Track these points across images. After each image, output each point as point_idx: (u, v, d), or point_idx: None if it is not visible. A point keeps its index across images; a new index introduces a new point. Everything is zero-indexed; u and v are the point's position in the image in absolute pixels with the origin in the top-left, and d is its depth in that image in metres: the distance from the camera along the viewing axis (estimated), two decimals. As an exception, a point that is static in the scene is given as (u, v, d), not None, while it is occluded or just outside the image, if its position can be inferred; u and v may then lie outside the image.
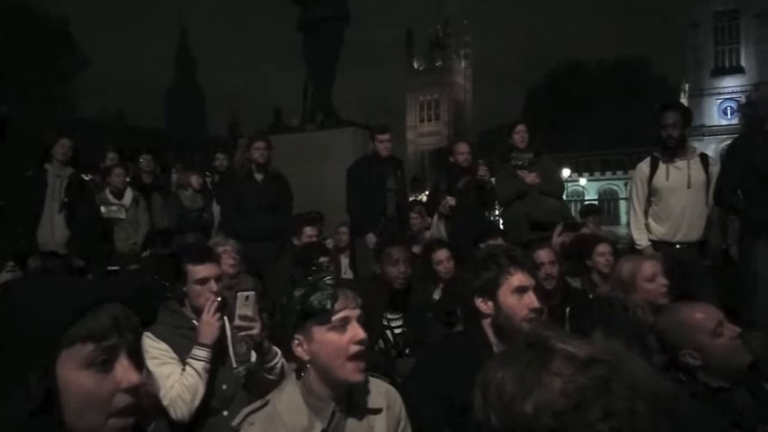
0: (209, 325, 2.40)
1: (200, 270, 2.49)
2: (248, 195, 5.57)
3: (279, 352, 2.45)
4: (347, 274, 5.59)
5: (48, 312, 0.91)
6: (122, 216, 5.67)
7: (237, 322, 2.34)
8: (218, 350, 2.49)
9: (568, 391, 0.87)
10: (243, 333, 2.36)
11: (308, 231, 4.95)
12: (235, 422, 1.62)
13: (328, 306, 1.62)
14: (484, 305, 2.08)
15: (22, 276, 3.49)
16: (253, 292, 2.38)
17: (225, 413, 2.45)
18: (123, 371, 0.95)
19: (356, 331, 1.63)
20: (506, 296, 2.04)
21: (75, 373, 0.91)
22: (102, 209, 5.69)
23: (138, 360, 1.01)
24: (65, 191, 5.64)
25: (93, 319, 0.93)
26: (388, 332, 3.31)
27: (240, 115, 63.08)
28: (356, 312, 1.66)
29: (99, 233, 5.56)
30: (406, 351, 3.27)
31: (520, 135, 5.45)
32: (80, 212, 5.61)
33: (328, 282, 1.67)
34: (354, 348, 1.61)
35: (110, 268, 4.42)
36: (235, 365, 2.55)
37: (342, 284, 1.70)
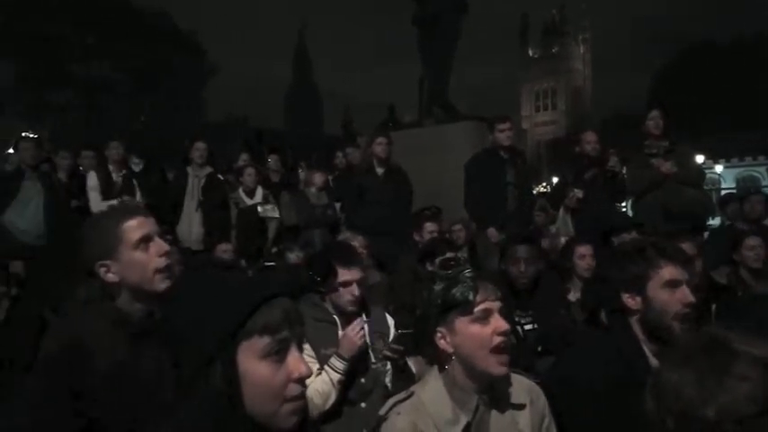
0: (351, 342, 2.49)
1: (345, 273, 2.56)
2: (369, 190, 5.69)
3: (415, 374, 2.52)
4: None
5: (229, 307, 0.99)
6: (276, 215, 6.01)
7: (386, 353, 2.47)
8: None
9: (756, 396, 0.83)
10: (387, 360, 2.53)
11: (429, 227, 4.96)
12: (381, 411, 1.66)
13: (470, 297, 1.62)
14: (631, 301, 1.97)
15: (201, 273, 3.81)
16: (411, 331, 2.47)
17: (362, 405, 2.53)
18: (294, 362, 1.01)
19: (499, 323, 1.62)
20: (656, 291, 1.92)
21: (253, 364, 0.99)
22: (259, 209, 6.11)
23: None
24: (201, 190, 6.09)
25: (267, 313, 1.00)
26: (518, 329, 3.25)
27: (352, 113, 64.46)
28: (498, 304, 1.65)
29: (256, 231, 5.92)
30: (538, 348, 3.19)
31: (654, 121, 5.14)
32: (215, 211, 6.04)
33: (468, 274, 1.66)
34: (497, 340, 1.60)
35: (266, 264, 4.70)
36: (373, 360, 2.62)
37: (482, 277, 1.70)
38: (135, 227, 1.76)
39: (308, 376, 1.02)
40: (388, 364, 2.63)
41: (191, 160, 6.22)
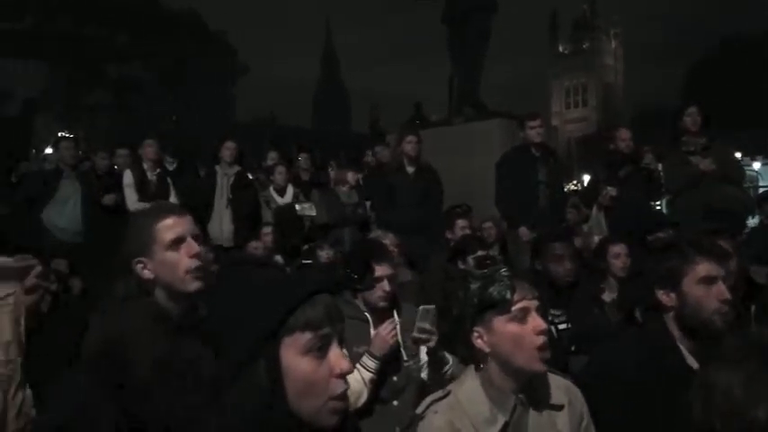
0: (384, 340, 2.49)
1: (377, 269, 2.57)
2: (399, 188, 5.69)
3: (451, 360, 2.49)
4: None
5: (272, 303, 1.00)
6: (314, 213, 6.07)
7: (416, 334, 2.40)
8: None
9: None
10: (419, 344, 2.45)
11: (461, 224, 4.95)
12: (419, 410, 1.66)
13: (508, 296, 1.61)
14: (666, 297, 1.95)
15: (239, 270, 3.85)
16: (434, 307, 2.43)
17: (395, 403, 2.53)
18: (336, 358, 1.02)
19: (537, 321, 1.61)
20: (692, 287, 1.89)
21: (296, 359, 1.00)
22: (297, 206, 6.16)
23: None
24: (231, 189, 6.16)
25: (309, 309, 1.01)
26: (552, 328, 3.22)
27: (379, 111, 64.49)
28: (535, 303, 1.64)
29: (293, 229, 5.98)
30: (572, 348, 3.16)
31: (692, 117, 5.02)
32: (245, 209, 6.11)
33: (505, 273, 1.65)
34: (536, 339, 1.59)
35: (303, 261, 4.74)
36: (405, 359, 2.62)
37: (519, 275, 1.69)
38: (169, 227, 1.78)
39: (350, 372, 1.02)
40: (422, 357, 2.61)
41: (220, 159, 6.29)
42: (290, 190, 6.47)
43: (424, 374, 2.63)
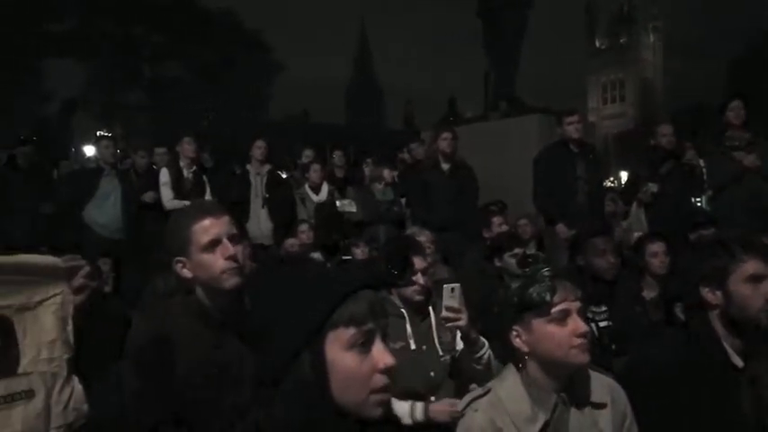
0: (443, 414, 2.36)
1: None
2: (435, 185, 5.67)
3: (486, 343, 2.45)
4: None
5: (316, 298, 1.01)
6: (354, 210, 6.10)
7: (444, 313, 2.36)
8: (425, 339, 2.56)
9: None
10: (450, 324, 2.40)
11: (497, 221, 4.91)
12: (459, 407, 1.66)
13: (548, 298, 1.59)
14: (711, 295, 1.91)
15: (281, 267, 3.89)
16: (458, 285, 2.40)
17: (432, 399, 2.52)
18: (379, 353, 1.02)
19: (578, 324, 1.59)
20: (738, 285, 1.85)
21: (340, 354, 1.00)
22: (338, 203, 6.20)
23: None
24: (265, 187, 6.22)
25: (353, 304, 1.01)
26: (592, 326, 3.17)
27: (414, 106, 64.37)
28: (577, 305, 1.62)
29: (333, 225, 6.03)
30: (613, 347, 3.10)
31: (735, 112, 4.90)
32: (281, 206, 6.16)
33: (546, 273, 1.63)
34: (577, 341, 1.57)
35: (343, 258, 4.78)
36: (441, 353, 2.60)
37: (561, 276, 1.66)
38: (205, 229, 1.79)
39: (393, 367, 1.03)
40: (458, 342, 2.58)
41: (251, 158, 6.35)
42: (324, 187, 6.49)
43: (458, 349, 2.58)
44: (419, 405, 2.41)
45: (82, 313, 1.87)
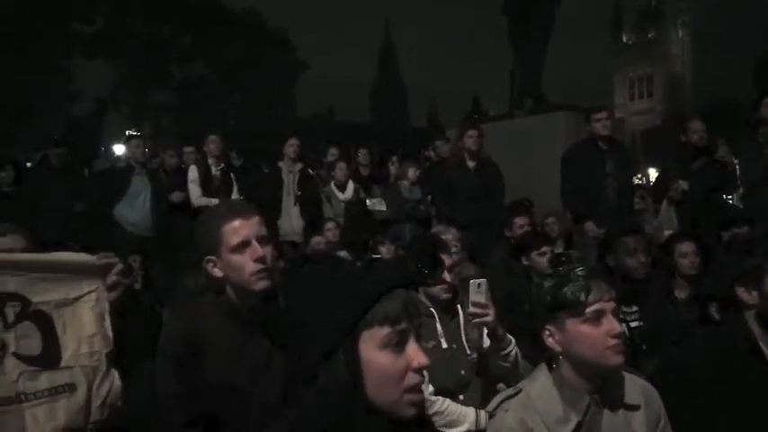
0: None
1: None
2: (460, 183, 5.65)
3: (513, 340, 2.44)
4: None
5: (351, 298, 1.01)
6: (383, 208, 6.11)
7: (471, 309, 2.34)
8: (454, 337, 2.56)
9: None
10: (477, 320, 2.38)
11: (519, 222, 4.79)
12: (489, 407, 1.65)
13: (582, 298, 1.56)
14: (747, 295, 1.91)
15: (314, 266, 3.91)
16: (485, 280, 2.38)
17: (461, 397, 2.51)
18: (413, 352, 1.02)
19: (612, 324, 1.56)
20: None
21: (374, 353, 1.01)
22: (368, 202, 6.23)
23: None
24: (297, 185, 6.26)
25: (387, 304, 1.02)
26: (623, 326, 3.12)
27: (437, 103, 64.20)
28: (611, 305, 1.59)
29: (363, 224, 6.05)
30: (644, 347, 3.06)
31: (769, 107, 4.77)
32: (311, 204, 6.19)
33: (580, 272, 1.61)
34: (611, 342, 1.55)
35: (373, 256, 4.79)
36: (468, 352, 2.59)
37: (594, 275, 1.63)
38: (234, 230, 1.79)
39: (427, 366, 1.03)
40: (485, 340, 2.57)
41: (283, 156, 6.39)
42: (350, 186, 6.52)
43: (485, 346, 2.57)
44: (482, 414, 2.37)
45: (115, 310, 1.90)
